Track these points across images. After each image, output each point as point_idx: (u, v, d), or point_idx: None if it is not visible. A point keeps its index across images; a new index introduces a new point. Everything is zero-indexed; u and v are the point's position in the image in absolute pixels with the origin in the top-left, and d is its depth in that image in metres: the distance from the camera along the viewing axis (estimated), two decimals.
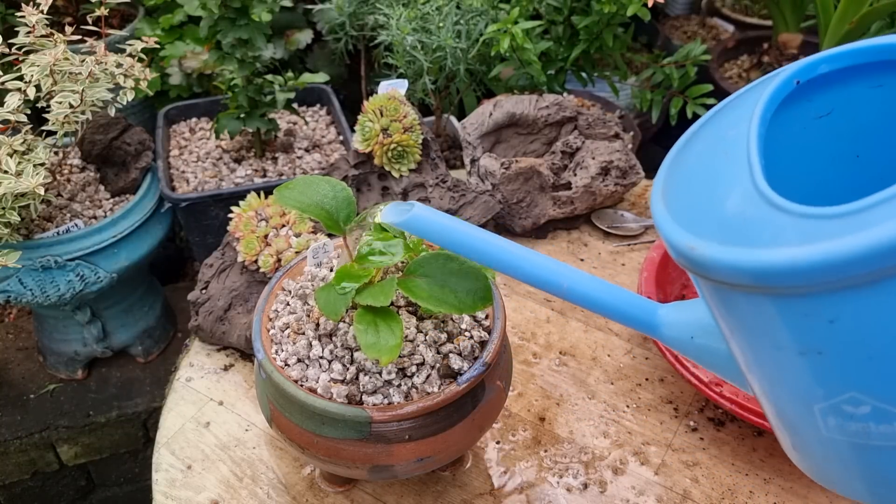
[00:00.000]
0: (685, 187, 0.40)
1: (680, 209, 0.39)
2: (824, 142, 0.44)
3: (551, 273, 0.46)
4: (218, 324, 0.82)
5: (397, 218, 0.48)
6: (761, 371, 0.39)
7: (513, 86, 1.14)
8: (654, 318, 0.46)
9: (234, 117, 1.08)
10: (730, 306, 0.37)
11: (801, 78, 0.41)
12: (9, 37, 0.86)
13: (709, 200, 0.37)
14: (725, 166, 0.38)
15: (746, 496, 0.68)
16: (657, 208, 0.40)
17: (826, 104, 0.43)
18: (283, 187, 0.57)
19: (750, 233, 0.34)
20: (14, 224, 0.90)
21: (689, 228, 0.37)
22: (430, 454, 0.56)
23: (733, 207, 0.35)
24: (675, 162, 0.43)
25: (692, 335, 0.45)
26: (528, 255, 0.47)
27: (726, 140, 0.39)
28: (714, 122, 0.43)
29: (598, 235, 1.01)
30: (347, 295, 0.52)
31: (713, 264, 0.34)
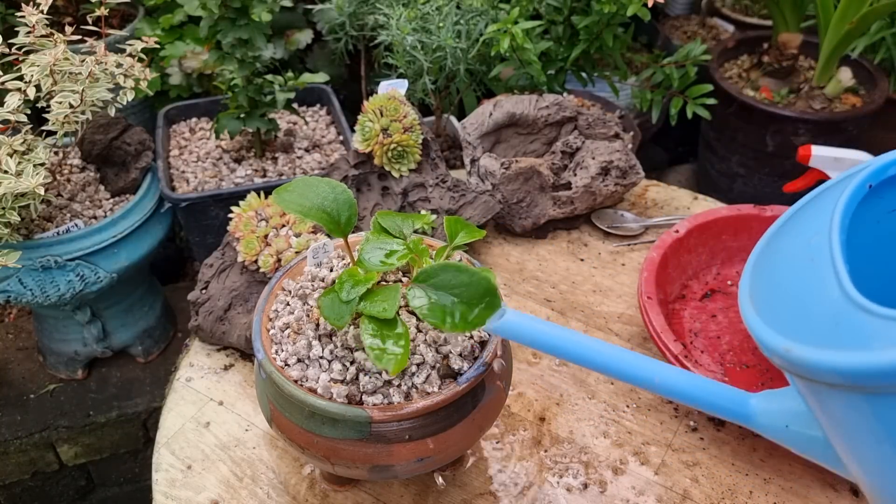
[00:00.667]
0: (773, 291, 0.43)
1: (770, 312, 0.42)
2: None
3: (644, 370, 0.48)
4: (218, 324, 0.82)
5: (490, 325, 0.50)
6: (864, 461, 0.41)
7: (513, 86, 1.14)
8: (746, 409, 0.48)
9: (234, 117, 1.08)
10: (827, 403, 0.40)
11: (873, 182, 0.44)
12: (9, 37, 0.86)
13: (799, 305, 0.40)
14: (812, 272, 0.40)
15: (746, 496, 0.68)
16: (748, 312, 0.43)
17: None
18: (282, 189, 0.56)
19: (842, 335, 0.36)
20: (14, 224, 0.90)
21: (782, 331, 0.40)
22: (430, 454, 0.56)
23: (824, 311, 0.38)
24: (759, 265, 0.46)
25: (787, 424, 0.46)
26: (620, 355, 0.49)
27: (811, 247, 0.42)
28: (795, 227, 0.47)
29: (598, 235, 1.01)
30: (352, 303, 0.51)
31: (809, 365, 0.37)
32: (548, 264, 0.96)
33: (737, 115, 1.49)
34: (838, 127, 1.42)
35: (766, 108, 1.43)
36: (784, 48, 1.52)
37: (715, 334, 0.82)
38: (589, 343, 0.49)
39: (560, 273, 0.94)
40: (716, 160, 1.61)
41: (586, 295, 0.91)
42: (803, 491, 0.68)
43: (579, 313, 0.88)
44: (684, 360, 0.71)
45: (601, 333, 0.85)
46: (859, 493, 0.68)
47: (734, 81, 1.56)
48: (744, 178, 1.56)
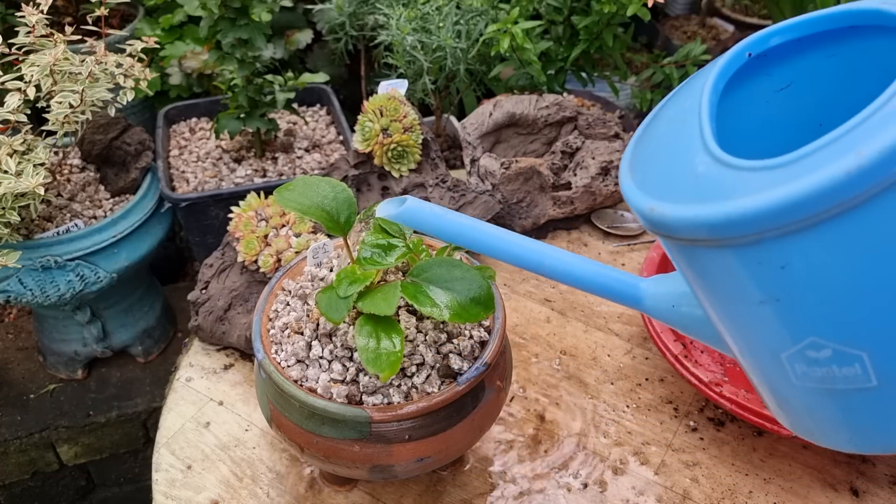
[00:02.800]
0: (649, 158, 0.43)
1: (644, 179, 0.41)
2: (787, 113, 0.46)
3: (535, 253, 0.49)
4: (218, 324, 0.82)
5: (392, 211, 0.50)
6: (733, 327, 0.41)
7: (513, 86, 1.14)
8: (637, 292, 0.48)
9: (234, 117, 1.08)
10: (695, 264, 0.39)
11: (752, 50, 0.43)
12: (9, 37, 0.86)
13: (668, 166, 0.40)
14: (681, 134, 0.40)
15: (746, 496, 0.68)
16: (624, 179, 0.43)
17: (785, 77, 0.45)
18: (283, 188, 0.56)
19: (703, 190, 0.36)
20: (14, 224, 0.90)
21: (650, 193, 0.39)
22: (430, 454, 0.56)
23: (688, 169, 0.38)
24: (641, 137, 0.46)
25: (673, 304, 0.47)
26: (513, 238, 0.49)
27: (683, 110, 0.41)
28: (675, 98, 0.46)
29: (598, 235, 1.01)
30: (349, 299, 0.52)
31: (671, 222, 0.37)
32: None
33: None
34: None
35: None
36: None
37: None
38: (485, 228, 0.50)
39: None
40: None
41: (586, 295, 0.91)
42: (803, 491, 0.68)
43: (579, 313, 0.88)
44: (684, 360, 0.70)
45: (601, 333, 0.85)
46: (859, 493, 0.68)
47: None
48: None
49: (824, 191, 0.30)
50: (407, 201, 0.49)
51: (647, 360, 0.82)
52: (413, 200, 0.50)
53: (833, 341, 0.35)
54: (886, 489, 0.68)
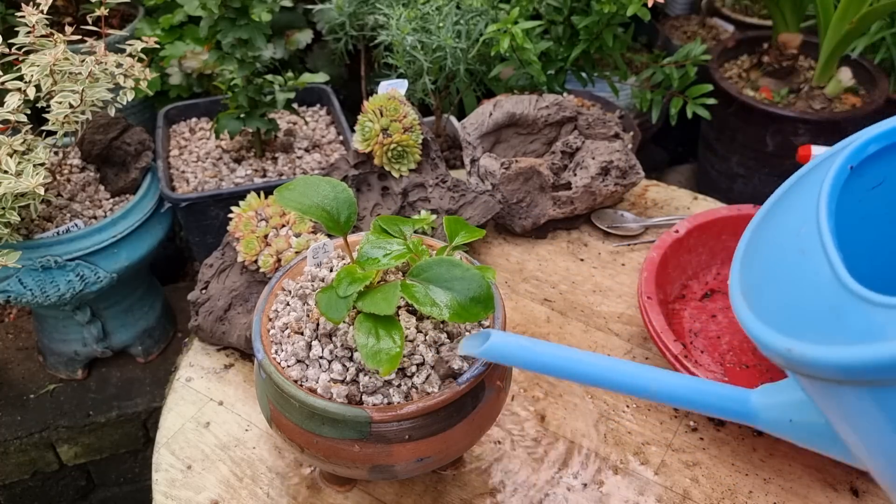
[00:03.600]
0: (767, 287, 0.42)
1: (766, 310, 0.40)
2: (881, 208, 0.47)
3: (640, 379, 0.47)
4: (218, 324, 0.82)
5: (476, 350, 0.49)
6: (875, 455, 0.40)
7: (513, 86, 1.14)
8: (748, 407, 0.47)
9: (234, 117, 1.08)
10: (834, 398, 0.38)
11: (853, 163, 0.43)
12: (9, 37, 0.86)
13: (796, 300, 0.39)
14: (805, 265, 0.39)
15: (746, 496, 0.68)
16: (742, 310, 0.42)
17: (877, 175, 0.46)
18: (284, 188, 0.56)
19: (845, 329, 0.35)
20: (14, 224, 0.90)
21: (780, 329, 0.38)
22: (430, 454, 0.56)
23: (822, 305, 0.37)
24: (748, 259, 0.45)
25: (790, 418, 0.45)
26: (615, 366, 0.48)
27: (800, 238, 0.41)
28: (780, 217, 0.45)
29: (598, 235, 1.01)
30: (349, 299, 0.52)
31: (814, 363, 0.35)
32: (548, 264, 0.96)
33: (737, 115, 1.49)
34: (838, 127, 1.42)
35: (766, 108, 1.43)
36: (784, 48, 1.52)
37: (715, 334, 0.83)
38: (581, 357, 0.48)
39: (560, 273, 0.94)
40: (716, 160, 1.61)
41: (586, 295, 0.91)
42: (803, 491, 0.68)
43: (579, 313, 0.88)
44: (684, 360, 0.70)
45: (601, 333, 0.85)
46: (859, 493, 0.68)
47: (734, 81, 1.56)
48: (744, 178, 1.56)
49: None
50: (491, 337, 0.48)
51: (647, 360, 0.82)
52: (497, 336, 0.48)
53: None
54: None
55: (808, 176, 0.45)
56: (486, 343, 0.48)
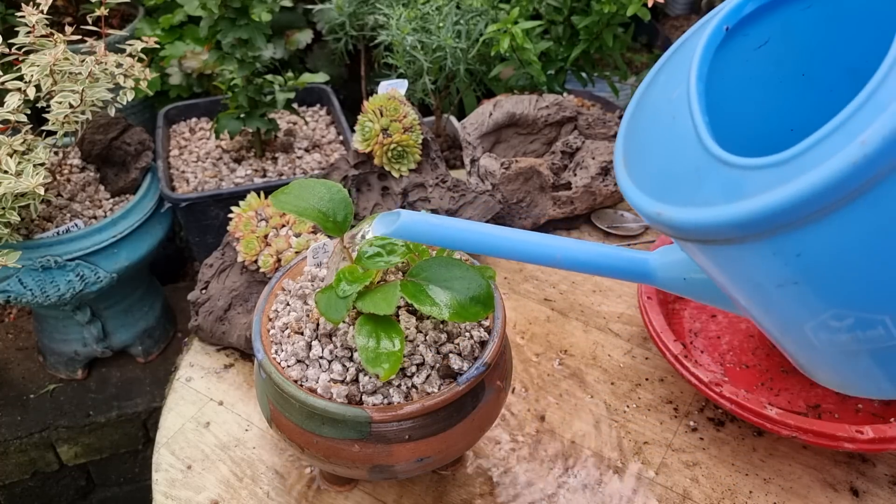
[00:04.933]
0: (642, 153, 0.43)
1: (642, 175, 0.41)
2: (768, 68, 0.46)
3: (544, 247, 0.49)
4: (218, 324, 0.82)
5: (387, 229, 0.49)
6: (752, 306, 0.41)
7: (513, 86, 1.14)
8: (646, 268, 0.49)
9: (234, 117, 1.08)
10: (707, 258, 0.40)
11: (729, 23, 0.43)
12: (9, 37, 0.86)
13: (666, 165, 0.40)
14: (675, 130, 0.40)
15: (746, 496, 0.68)
16: (621, 176, 0.43)
17: (761, 35, 0.45)
18: (279, 192, 0.57)
19: (709, 191, 0.36)
20: (14, 224, 0.90)
21: (652, 194, 0.39)
22: (430, 454, 0.56)
23: (688, 169, 0.38)
24: (630, 128, 0.45)
25: (683, 276, 0.48)
26: (520, 236, 0.49)
27: (672, 102, 0.41)
28: (658, 83, 0.45)
29: (598, 235, 1.01)
30: (348, 299, 0.52)
31: (680, 226, 0.37)
32: None
33: None
34: None
35: None
36: None
37: (715, 334, 0.82)
38: (488, 230, 0.48)
39: (560, 273, 0.94)
40: None
41: (586, 295, 0.91)
42: (803, 491, 0.68)
43: (579, 313, 0.88)
44: (684, 359, 0.70)
45: (601, 333, 0.85)
46: (859, 493, 0.68)
47: None
48: None
49: (833, 183, 0.31)
50: (401, 216, 0.48)
51: (647, 360, 0.82)
52: (407, 214, 0.48)
53: (854, 310, 0.36)
54: (886, 489, 0.68)
55: (689, 40, 0.45)
56: (397, 222, 0.48)
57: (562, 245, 0.48)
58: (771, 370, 0.78)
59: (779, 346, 0.44)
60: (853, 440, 0.62)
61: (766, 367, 0.78)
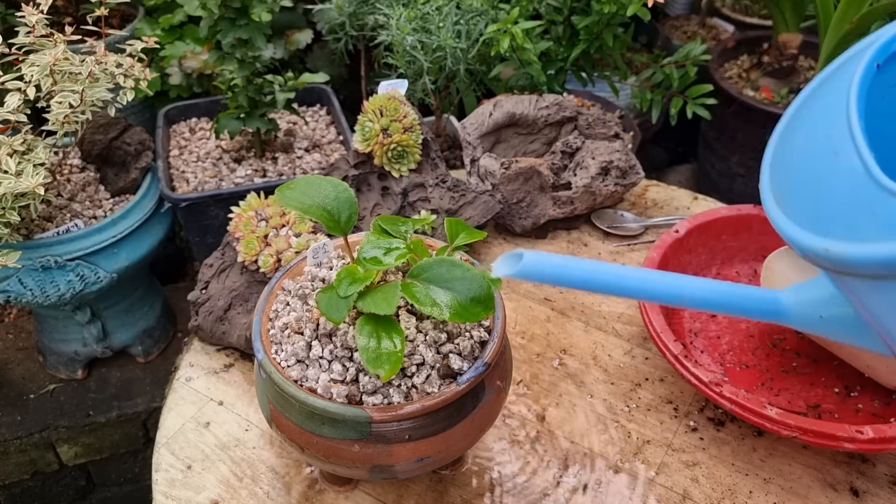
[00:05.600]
0: (799, 190, 0.42)
1: (800, 213, 0.41)
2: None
3: (672, 286, 0.48)
4: (218, 324, 0.82)
5: (510, 270, 0.49)
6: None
7: (513, 86, 1.14)
8: (779, 307, 0.48)
9: (234, 117, 1.08)
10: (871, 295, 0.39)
11: (879, 61, 0.44)
12: (9, 37, 0.86)
13: (830, 202, 0.39)
14: (838, 166, 0.40)
15: (746, 496, 0.68)
16: (775, 214, 0.42)
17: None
18: (285, 187, 0.56)
19: (882, 226, 0.36)
20: (14, 224, 0.90)
21: (816, 231, 0.39)
22: (430, 454, 0.56)
23: (858, 205, 0.37)
24: (777, 164, 0.45)
25: (820, 314, 0.47)
26: (647, 276, 0.48)
27: (831, 139, 0.41)
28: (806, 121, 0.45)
29: (598, 235, 1.01)
30: (349, 299, 0.52)
31: (854, 261, 0.36)
32: None
33: (737, 115, 1.49)
34: None
35: (766, 108, 1.43)
36: (784, 48, 1.52)
37: (715, 334, 0.83)
38: (616, 270, 0.48)
39: None
40: (716, 160, 1.61)
41: (586, 295, 0.91)
42: (803, 491, 0.68)
43: (579, 313, 0.88)
44: (684, 360, 0.70)
45: (601, 333, 0.85)
46: (859, 493, 0.68)
47: (734, 81, 1.56)
48: (744, 178, 1.56)
49: None
50: (524, 257, 0.48)
51: (647, 360, 0.82)
52: (530, 255, 0.48)
53: None
54: (886, 489, 0.68)
55: (831, 78, 0.46)
56: (520, 263, 0.48)
57: (690, 284, 0.47)
58: (771, 370, 0.78)
59: None
60: (853, 440, 0.62)
61: (766, 367, 0.78)
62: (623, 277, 0.48)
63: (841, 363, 0.77)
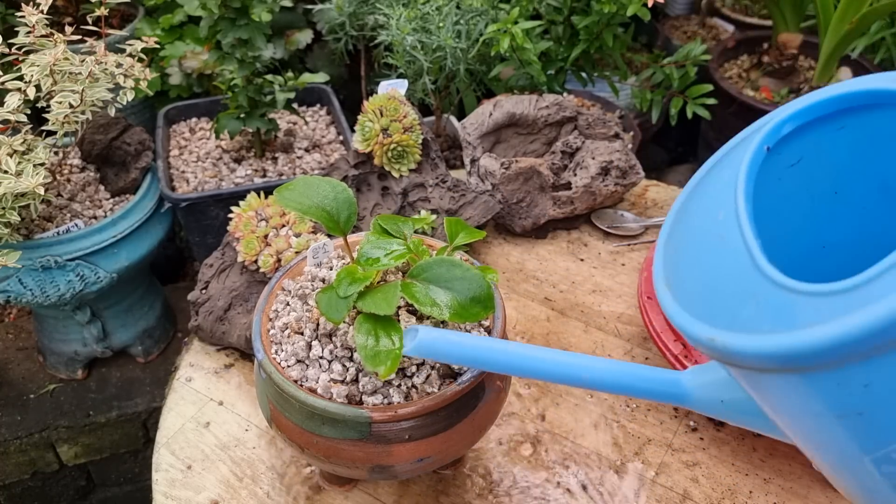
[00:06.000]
0: (688, 274, 0.41)
1: (688, 297, 0.40)
2: (801, 185, 0.46)
3: (571, 367, 0.46)
4: (218, 324, 0.82)
5: (407, 346, 0.48)
6: (804, 435, 0.39)
7: (513, 86, 1.14)
8: (680, 389, 0.46)
9: (234, 117, 1.08)
10: (760, 385, 0.38)
11: (769, 143, 0.43)
12: (9, 37, 0.86)
13: (717, 288, 0.38)
14: (725, 252, 0.39)
15: (746, 496, 0.68)
16: (665, 299, 0.41)
17: (795, 153, 0.45)
18: (284, 188, 0.56)
19: (765, 317, 0.34)
20: (14, 224, 0.90)
21: (703, 318, 0.38)
22: (430, 454, 0.56)
23: (743, 293, 0.36)
24: (670, 247, 0.44)
25: (721, 398, 0.45)
26: (546, 356, 0.47)
27: (718, 223, 0.40)
28: (698, 202, 0.44)
29: (598, 235, 1.01)
30: (349, 299, 0.52)
31: (738, 353, 0.35)
32: (548, 264, 0.96)
33: (737, 115, 1.49)
34: None
35: (766, 108, 1.43)
36: (784, 48, 1.52)
37: None
38: (512, 349, 0.47)
39: (560, 273, 0.94)
40: None
41: (586, 295, 0.91)
42: (803, 491, 0.68)
43: (579, 313, 0.88)
44: (684, 360, 0.71)
45: (601, 333, 0.85)
46: None
47: (734, 81, 1.56)
48: None
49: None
50: (419, 333, 0.47)
51: (647, 360, 0.82)
52: (424, 332, 0.47)
53: None
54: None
55: (727, 156, 0.44)
56: (414, 340, 0.47)
57: (587, 364, 0.46)
58: None
59: (829, 476, 0.42)
60: None
61: None
62: (521, 357, 0.47)
63: None
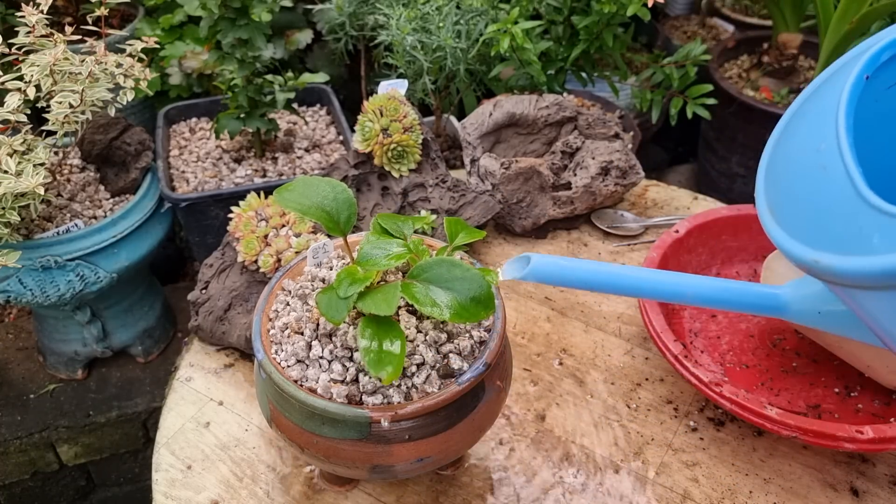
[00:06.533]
0: (792, 202, 0.44)
1: (792, 223, 0.42)
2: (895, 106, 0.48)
3: (675, 285, 0.50)
4: (218, 324, 0.82)
5: (517, 273, 0.50)
6: None
7: (513, 86, 1.14)
8: (778, 302, 0.50)
9: (234, 117, 1.08)
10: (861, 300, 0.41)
11: (868, 72, 0.45)
12: (9, 37, 0.86)
13: (821, 214, 0.41)
14: (827, 180, 0.41)
15: (746, 496, 0.68)
16: (770, 225, 0.44)
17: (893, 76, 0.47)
18: (283, 188, 0.56)
19: (867, 239, 0.37)
20: (14, 224, 0.90)
21: (807, 242, 0.41)
22: (430, 454, 0.56)
23: (846, 219, 0.39)
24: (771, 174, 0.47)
25: (818, 310, 0.49)
26: (650, 276, 0.51)
27: (820, 153, 0.42)
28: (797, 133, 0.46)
29: (598, 235, 1.01)
30: (349, 299, 0.52)
31: (840, 273, 0.38)
32: None
33: (737, 115, 1.49)
34: None
35: (766, 108, 1.43)
36: (784, 48, 1.52)
37: (715, 334, 0.82)
38: (620, 270, 0.50)
39: None
40: (716, 160, 1.61)
41: (586, 295, 0.91)
42: (803, 491, 0.68)
43: (579, 313, 0.88)
44: (684, 360, 0.70)
45: (601, 333, 0.85)
46: (859, 493, 0.68)
47: (734, 81, 1.56)
48: (744, 178, 1.56)
49: None
50: (532, 260, 0.49)
51: (647, 360, 0.82)
52: (537, 258, 0.49)
53: None
54: (886, 489, 0.68)
55: (824, 87, 0.47)
56: (527, 266, 0.49)
57: (690, 282, 0.50)
58: (771, 370, 0.78)
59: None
60: (853, 440, 0.62)
61: (766, 367, 0.78)
62: (626, 277, 0.50)
63: (841, 363, 0.77)
